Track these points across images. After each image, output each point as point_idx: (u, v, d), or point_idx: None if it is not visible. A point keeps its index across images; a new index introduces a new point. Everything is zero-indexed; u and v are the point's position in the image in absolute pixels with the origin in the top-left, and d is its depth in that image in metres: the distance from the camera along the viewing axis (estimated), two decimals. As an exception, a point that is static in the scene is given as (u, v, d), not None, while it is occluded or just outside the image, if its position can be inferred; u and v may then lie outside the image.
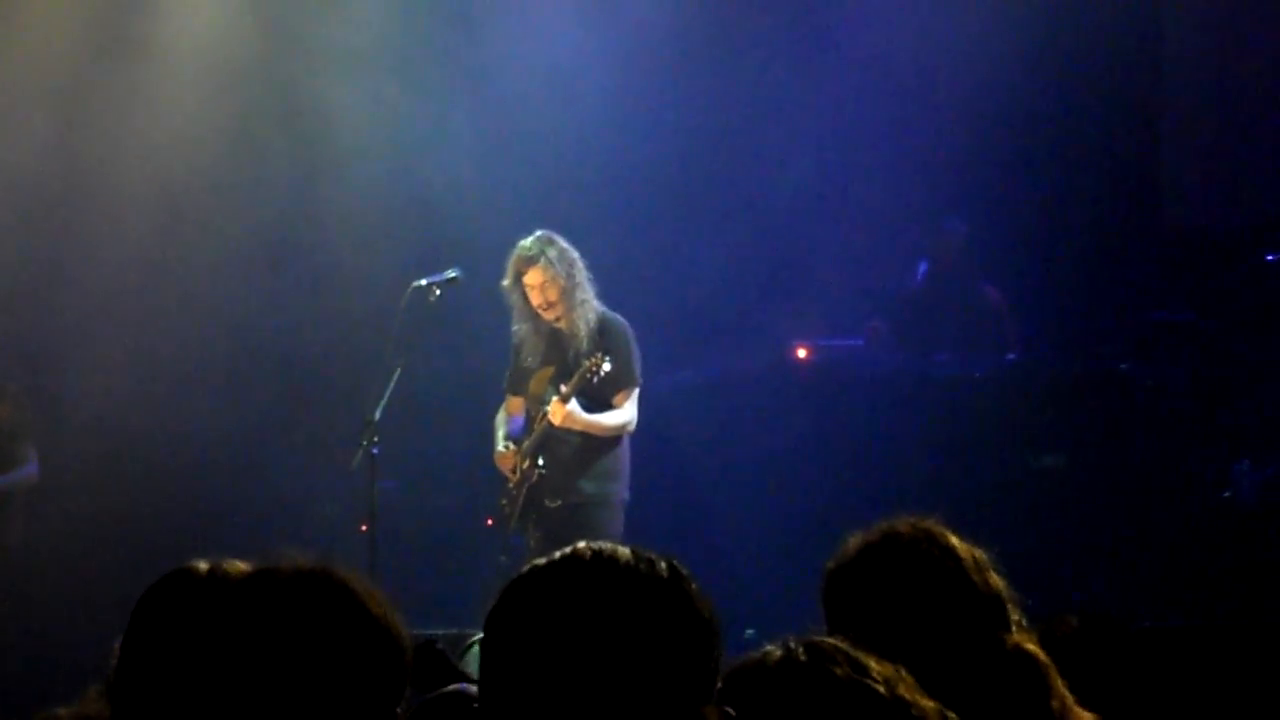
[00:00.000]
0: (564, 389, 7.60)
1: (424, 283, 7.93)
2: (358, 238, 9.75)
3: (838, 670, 2.09)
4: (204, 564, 2.66)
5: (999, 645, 2.75)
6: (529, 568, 2.14)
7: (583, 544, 2.14)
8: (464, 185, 9.68)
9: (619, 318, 7.84)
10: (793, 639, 2.14)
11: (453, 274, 7.95)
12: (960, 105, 10.12)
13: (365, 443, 7.75)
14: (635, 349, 7.80)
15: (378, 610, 2.13)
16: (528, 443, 7.84)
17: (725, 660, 2.17)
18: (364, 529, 7.88)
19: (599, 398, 7.70)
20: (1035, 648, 2.78)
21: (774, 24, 10.41)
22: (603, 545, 2.12)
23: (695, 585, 2.12)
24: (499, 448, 7.96)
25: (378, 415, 7.74)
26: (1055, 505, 9.05)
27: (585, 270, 7.76)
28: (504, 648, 2.08)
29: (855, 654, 2.11)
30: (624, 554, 2.11)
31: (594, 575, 2.09)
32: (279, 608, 2.10)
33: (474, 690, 3.08)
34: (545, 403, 7.73)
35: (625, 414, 7.78)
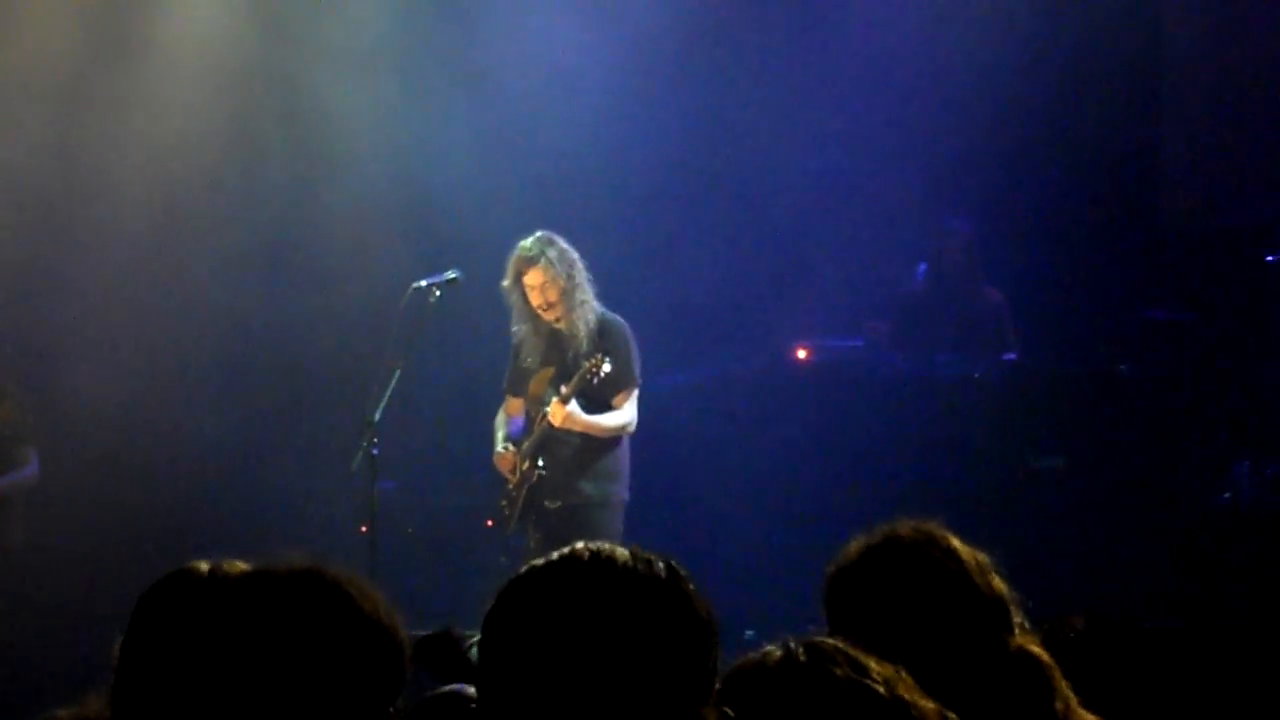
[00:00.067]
0: (564, 390, 7.59)
1: (424, 284, 7.92)
2: (357, 238, 9.75)
3: (838, 671, 2.09)
4: (204, 565, 2.66)
5: (1002, 647, 2.73)
6: (527, 568, 2.14)
7: (581, 544, 2.14)
8: (464, 186, 9.67)
9: (618, 318, 7.83)
10: (792, 639, 2.14)
11: (452, 275, 7.95)
12: (960, 105, 10.12)
13: (365, 444, 7.75)
14: (635, 350, 7.80)
15: (370, 609, 2.13)
16: (527, 444, 7.84)
17: (725, 661, 2.17)
18: (364, 530, 7.88)
19: (599, 398, 7.69)
20: (1039, 649, 2.76)
21: (773, 26, 10.41)
22: (601, 546, 2.13)
23: (693, 586, 2.12)
24: (498, 449, 7.95)
25: (377, 416, 7.74)
26: (1054, 506, 9.04)
27: (585, 271, 7.76)
28: (501, 648, 2.08)
29: (855, 654, 2.11)
30: (622, 554, 2.11)
31: (592, 576, 2.09)
32: (271, 608, 2.11)
33: (472, 691, 3.08)
34: (545, 404, 7.72)
35: (625, 415, 7.77)
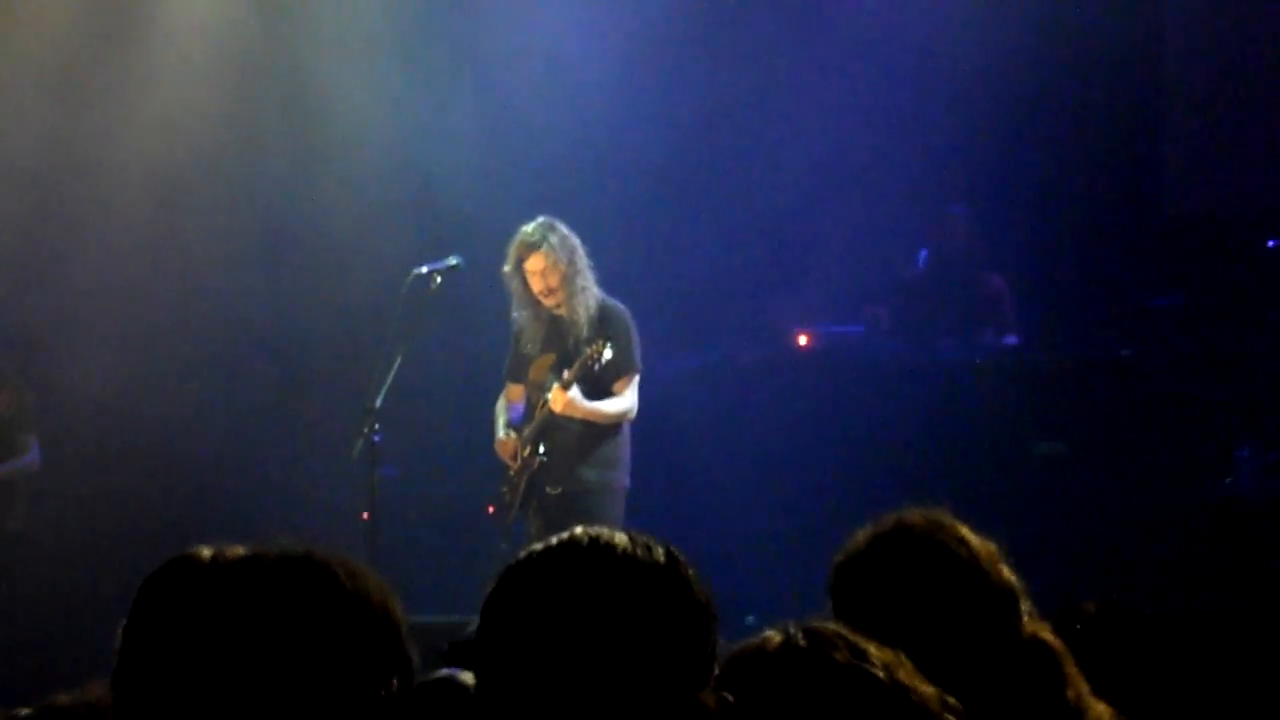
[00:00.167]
0: (566, 376, 7.59)
1: (425, 270, 7.91)
2: (358, 225, 9.73)
3: (837, 655, 2.09)
4: (206, 550, 2.66)
5: (1014, 635, 2.71)
6: (526, 553, 2.15)
7: (580, 529, 2.14)
8: (465, 172, 9.67)
9: (619, 305, 7.82)
10: (792, 624, 2.13)
11: (454, 261, 7.94)
12: (962, 92, 10.11)
13: (366, 430, 7.74)
14: (635, 336, 7.79)
15: (360, 591, 2.13)
16: (528, 430, 7.83)
17: (726, 646, 2.17)
18: (365, 517, 7.88)
19: (599, 385, 7.69)
20: (1051, 637, 2.74)
21: (775, 11, 10.40)
22: (600, 531, 2.13)
23: (692, 571, 2.12)
24: (500, 435, 7.95)
25: (378, 403, 7.73)
26: (1055, 492, 9.04)
27: (586, 257, 7.75)
28: (500, 633, 2.09)
29: (855, 639, 2.11)
30: (621, 540, 2.11)
31: (591, 560, 2.09)
32: (260, 592, 2.11)
33: (464, 676, 3.09)
34: (546, 390, 7.72)
35: (626, 401, 7.77)
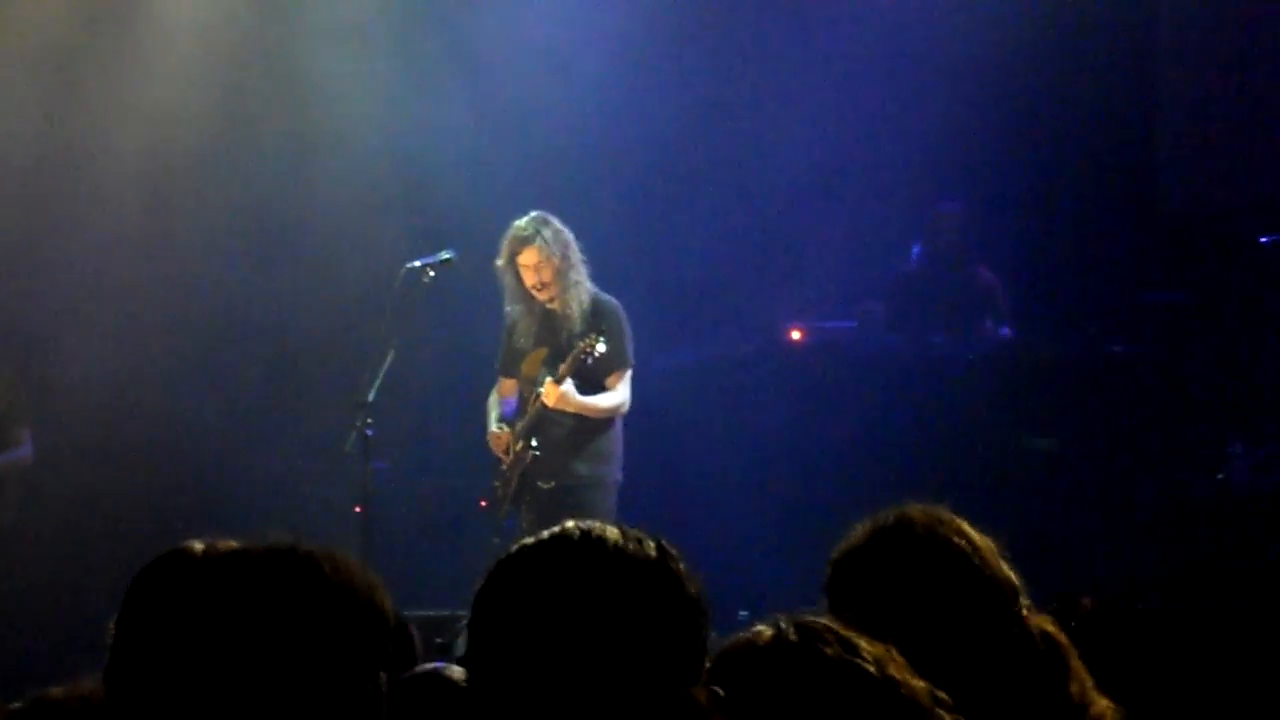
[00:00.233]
0: (560, 370, 7.59)
1: (418, 264, 7.91)
2: (352, 218, 9.71)
3: (828, 650, 2.09)
4: (198, 544, 2.66)
5: (1018, 628, 2.68)
6: (517, 547, 2.14)
7: (571, 523, 2.14)
8: (458, 165, 9.65)
9: (612, 299, 7.82)
10: (783, 618, 2.14)
11: (447, 255, 7.94)
12: (955, 87, 10.11)
13: (359, 424, 7.74)
14: (628, 330, 7.79)
15: (346, 583, 2.13)
16: (521, 424, 7.83)
17: (719, 641, 2.17)
18: (358, 510, 7.88)
19: (592, 379, 7.69)
20: (1055, 630, 2.72)
21: (769, 7, 10.39)
22: (591, 525, 2.13)
23: (683, 565, 2.12)
24: (492, 429, 7.95)
25: (371, 397, 7.74)
26: (1047, 487, 9.05)
27: (579, 251, 7.76)
28: (491, 627, 2.09)
29: (845, 634, 2.11)
30: (612, 534, 2.11)
31: (581, 555, 2.09)
32: (244, 586, 2.11)
33: (451, 670, 3.09)
34: (538, 384, 7.72)
35: (618, 396, 7.77)
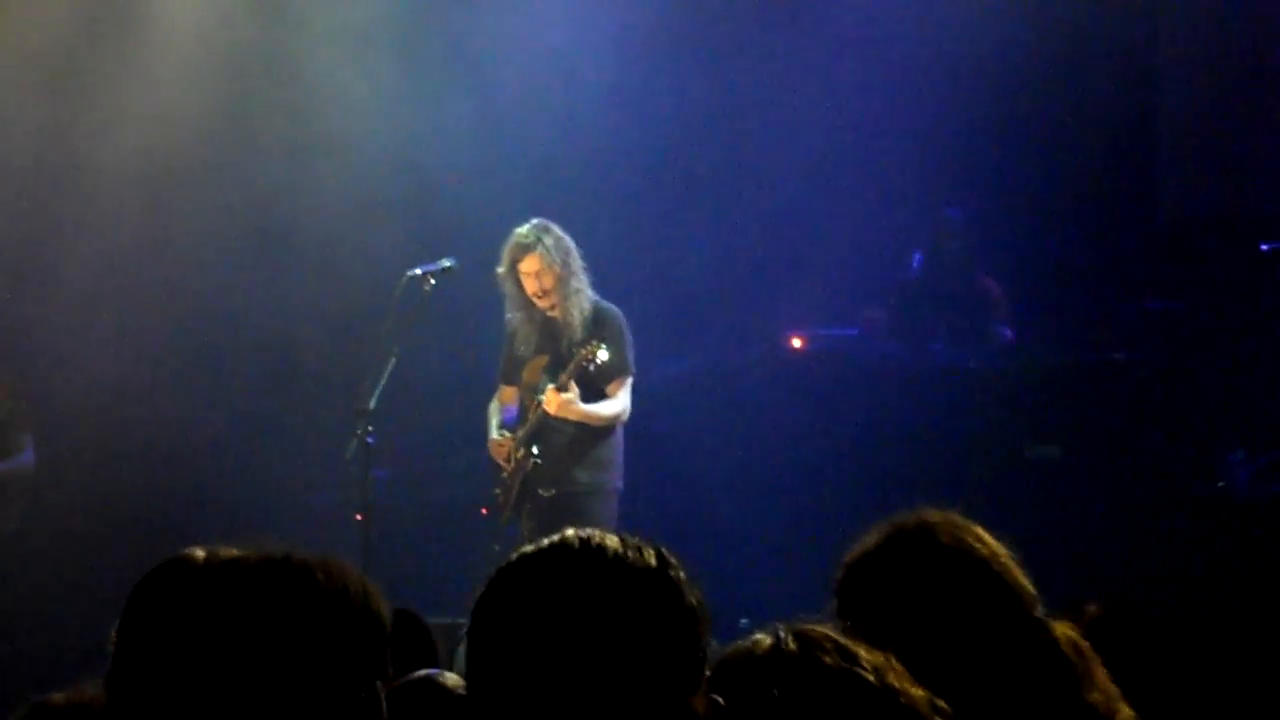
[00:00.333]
0: (562, 378, 7.59)
1: (419, 271, 7.91)
2: (353, 223, 9.70)
3: (826, 659, 2.08)
4: (200, 552, 2.67)
5: (1042, 635, 2.65)
6: (517, 555, 2.14)
7: (571, 531, 2.14)
8: (459, 171, 9.66)
9: (613, 307, 7.83)
10: (782, 627, 2.13)
11: (448, 263, 7.94)
12: (957, 94, 10.12)
13: (360, 432, 7.74)
14: (629, 338, 7.80)
15: (340, 591, 2.13)
16: (522, 432, 7.83)
17: (720, 649, 2.16)
18: (359, 518, 7.88)
19: (593, 387, 7.69)
20: (1077, 636, 2.69)
21: (770, 13, 10.40)
22: (591, 533, 2.13)
23: (683, 574, 2.11)
24: (493, 436, 7.96)
25: (372, 404, 7.74)
26: (1049, 495, 9.04)
27: (580, 259, 7.76)
28: (490, 635, 2.08)
29: (844, 642, 2.10)
30: (612, 542, 2.11)
31: (581, 563, 2.09)
32: (239, 595, 2.12)
33: (446, 677, 3.08)
34: (539, 392, 7.72)
35: (619, 403, 7.77)
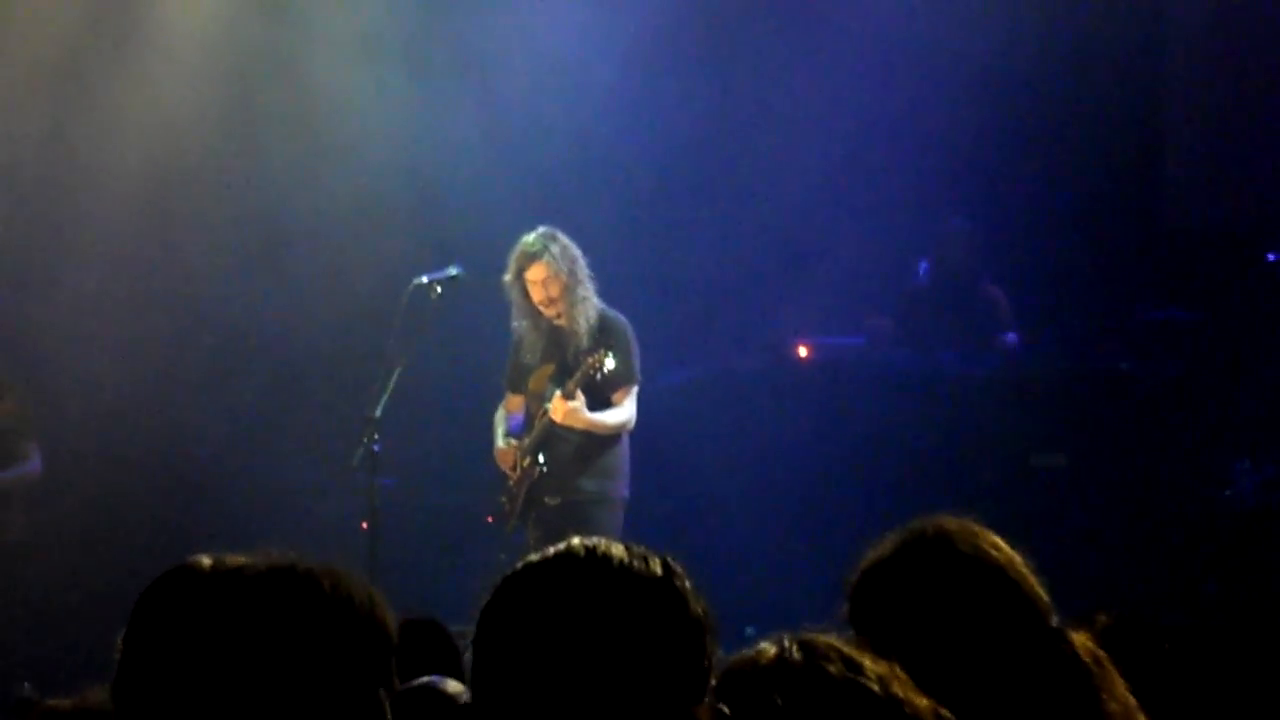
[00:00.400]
0: (569, 386, 7.59)
1: (425, 280, 7.91)
2: (358, 231, 9.70)
3: (831, 668, 2.08)
4: (206, 560, 2.67)
5: (1061, 644, 2.64)
6: (522, 564, 2.14)
7: (577, 540, 2.14)
8: (466, 179, 9.66)
9: (619, 315, 7.83)
10: (787, 637, 2.13)
11: (454, 272, 7.94)
12: (963, 103, 10.12)
13: (366, 440, 7.74)
14: (635, 347, 7.80)
15: (345, 599, 2.13)
16: (528, 440, 7.84)
17: (726, 658, 2.16)
18: (365, 526, 7.88)
19: (599, 395, 7.69)
20: (1095, 645, 2.67)
21: (776, 22, 10.40)
22: (596, 542, 2.13)
23: (689, 583, 2.11)
24: (499, 445, 7.96)
25: (378, 412, 7.73)
26: (1055, 504, 9.03)
27: (586, 267, 7.76)
28: (495, 643, 2.09)
29: (849, 652, 2.10)
30: (617, 551, 2.11)
31: (586, 572, 2.09)
32: (244, 604, 2.12)
33: (447, 684, 3.08)
34: (545, 400, 7.73)
35: (625, 412, 7.78)
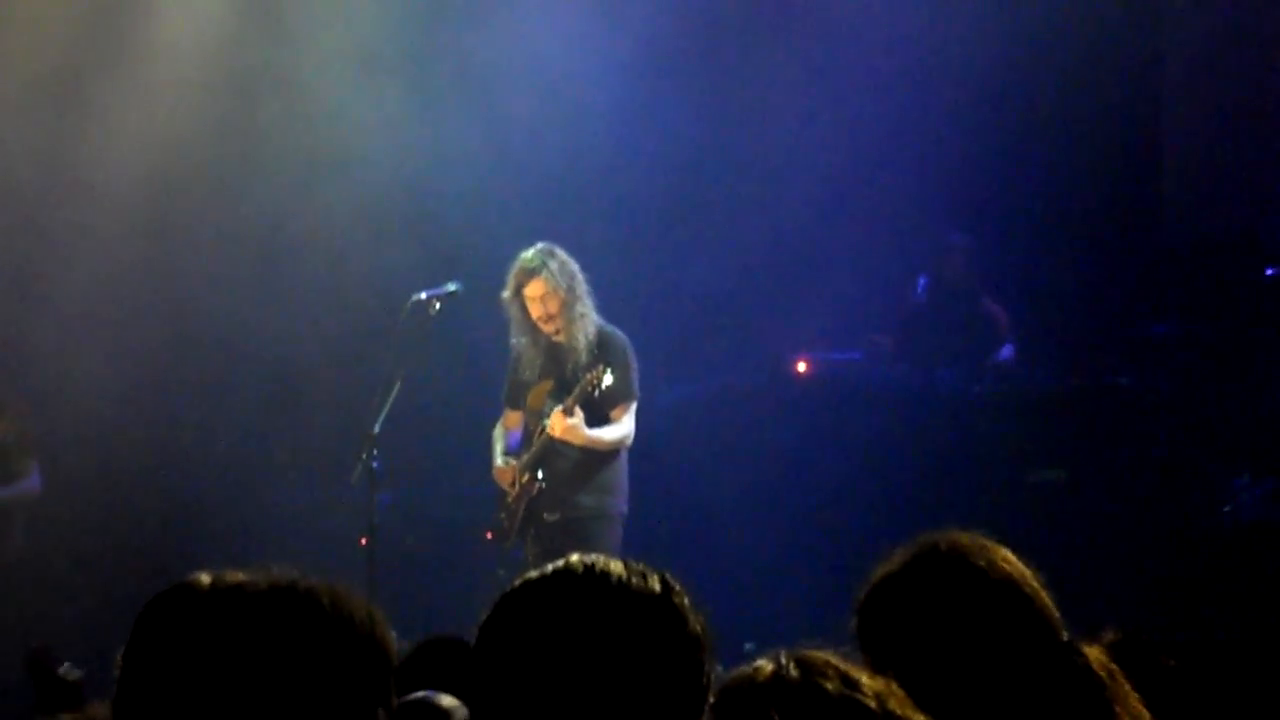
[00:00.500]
0: (567, 402, 7.59)
1: (423, 296, 7.92)
2: (357, 245, 9.72)
3: (828, 685, 2.08)
4: (206, 577, 2.67)
5: (1075, 659, 2.64)
6: (521, 581, 2.15)
7: (575, 557, 2.15)
8: (464, 194, 9.67)
9: (618, 331, 7.83)
10: (784, 653, 2.13)
11: (452, 288, 7.95)
12: (961, 119, 10.14)
13: (364, 456, 7.74)
14: (634, 363, 7.80)
15: (345, 618, 2.13)
16: (527, 456, 7.83)
17: (725, 675, 2.17)
18: (363, 543, 7.88)
19: (597, 411, 7.69)
20: (1109, 660, 2.67)
21: (777, 37, 10.42)
22: (595, 559, 2.14)
23: (687, 600, 2.12)
24: (497, 462, 7.96)
25: (377, 429, 7.74)
26: (1054, 520, 9.03)
27: (585, 283, 7.77)
28: (495, 660, 2.09)
29: (846, 669, 2.10)
30: (616, 568, 2.12)
31: (585, 589, 2.10)
32: (244, 621, 2.11)
33: (441, 698, 3.08)
34: (544, 416, 7.72)
35: (624, 428, 7.78)
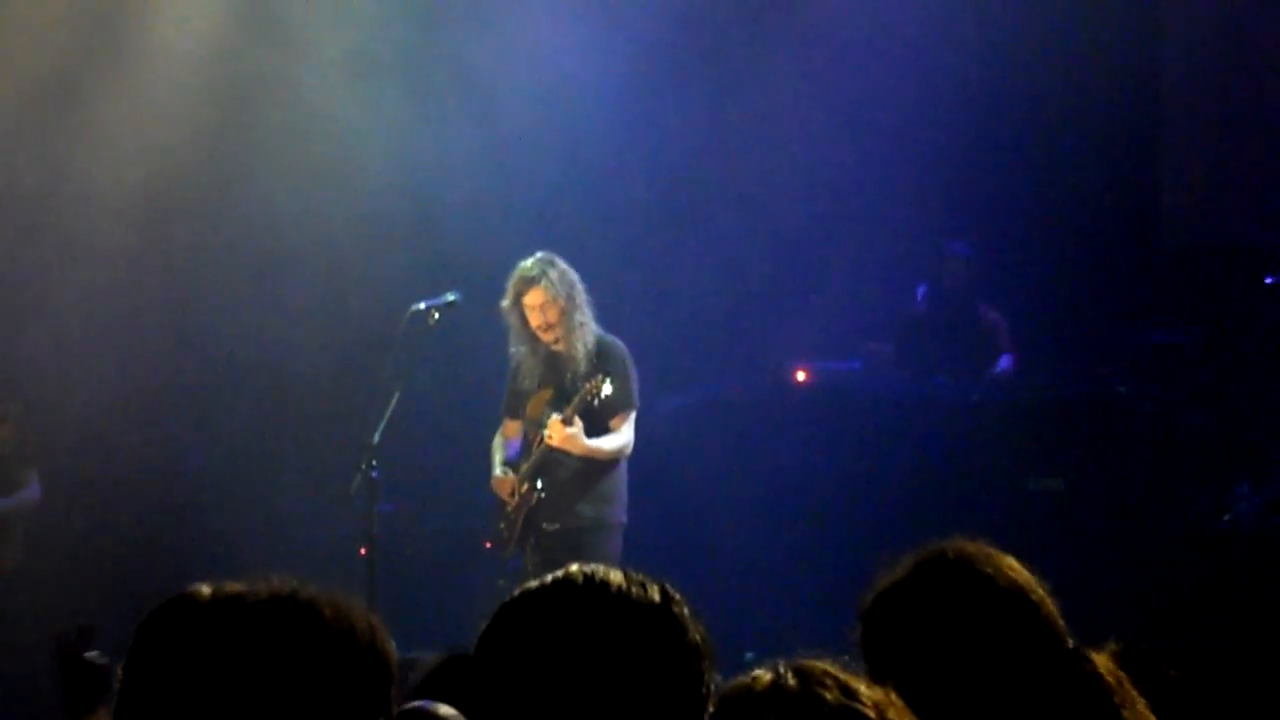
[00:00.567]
0: (566, 411, 7.59)
1: (423, 306, 7.92)
2: (355, 254, 9.72)
3: (827, 695, 2.07)
4: (206, 588, 2.67)
5: (1083, 666, 2.62)
6: (521, 591, 2.15)
7: (575, 567, 2.15)
8: (463, 202, 9.67)
9: (617, 340, 7.83)
10: (782, 663, 2.13)
11: (451, 298, 7.95)
12: (960, 126, 10.15)
13: (364, 466, 7.73)
14: (633, 372, 7.80)
15: (346, 629, 2.12)
16: (526, 466, 7.83)
17: (725, 684, 2.16)
18: (363, 552, 7.87)
19: (597, 421, 7.69)
20: (1116, 668, 2.65)
21: (776, 44, 10.43)
22: (595, 569, 2.14)
23: (687, 610, 2.12)
24: (496, 472, 7.95)
25: (377, 439, 7.74)
26: (1053, 528, 9.03)
27: (585, 292, 7.77)
28: (495, 671, 2.09)
29: (845, 678, 2.10)
30: (616, 578, 2.12)
31: (585, 599, 2.10)
32: (244, 632, 2.11)
33: (439, 708, 3.08)
34: (543, 425, 7.72)
35: (623, 437, 7.77)
